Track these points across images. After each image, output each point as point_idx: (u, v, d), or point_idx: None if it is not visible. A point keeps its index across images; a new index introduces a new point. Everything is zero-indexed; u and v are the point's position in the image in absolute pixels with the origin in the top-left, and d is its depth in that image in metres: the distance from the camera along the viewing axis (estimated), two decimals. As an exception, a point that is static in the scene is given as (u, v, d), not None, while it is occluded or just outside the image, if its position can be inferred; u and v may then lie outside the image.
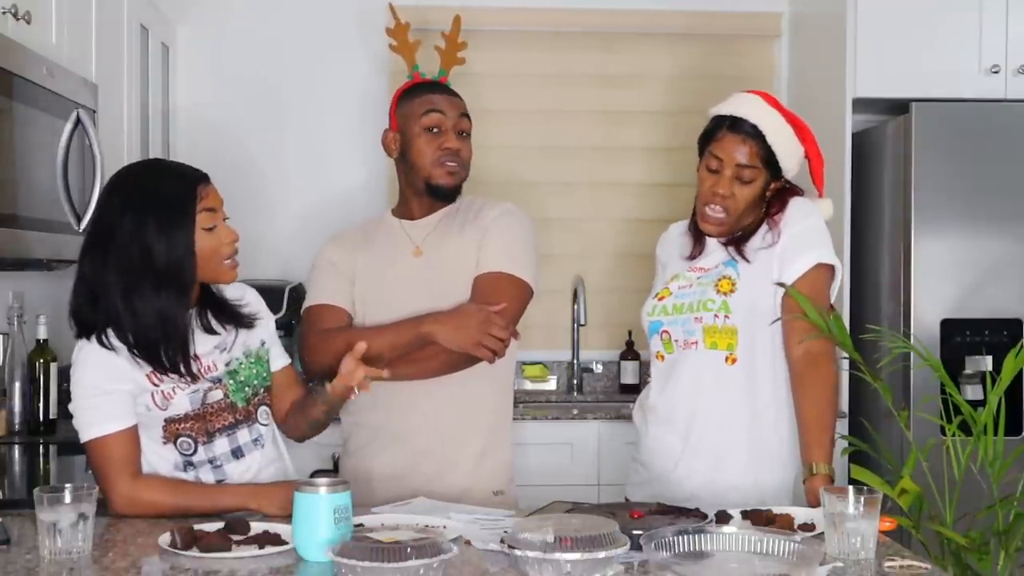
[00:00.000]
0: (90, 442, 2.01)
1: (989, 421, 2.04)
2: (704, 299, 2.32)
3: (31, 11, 2.45)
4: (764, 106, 2.32)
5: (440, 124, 2.42)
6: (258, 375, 2.15)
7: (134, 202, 2.00)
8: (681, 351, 2.34)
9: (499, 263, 2.38)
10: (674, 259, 2.46)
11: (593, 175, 4.13)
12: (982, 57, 3.52)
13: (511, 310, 2.34)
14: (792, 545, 1.65)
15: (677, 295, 2.37)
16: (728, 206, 2.31)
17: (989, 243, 3.42)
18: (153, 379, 2.02)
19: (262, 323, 2.20)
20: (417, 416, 2.39)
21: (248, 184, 3.90)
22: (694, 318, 2.32)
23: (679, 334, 2.34)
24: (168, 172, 2.08)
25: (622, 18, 4.09)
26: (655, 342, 2.40)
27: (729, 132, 2.30)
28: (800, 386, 2.24)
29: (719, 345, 2.30)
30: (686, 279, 2.38)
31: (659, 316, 2.38)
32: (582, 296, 3.93)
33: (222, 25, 4.02)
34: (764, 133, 2.28)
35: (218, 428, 2.08)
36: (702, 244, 2.41)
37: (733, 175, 2.29)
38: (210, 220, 2.03)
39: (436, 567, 1.56)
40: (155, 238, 1.97)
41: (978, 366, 3.33)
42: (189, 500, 2.02)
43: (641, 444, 2.44)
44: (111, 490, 2.00)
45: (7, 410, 3.05)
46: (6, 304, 3.07)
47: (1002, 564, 2.03)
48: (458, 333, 2.27)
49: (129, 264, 1.97)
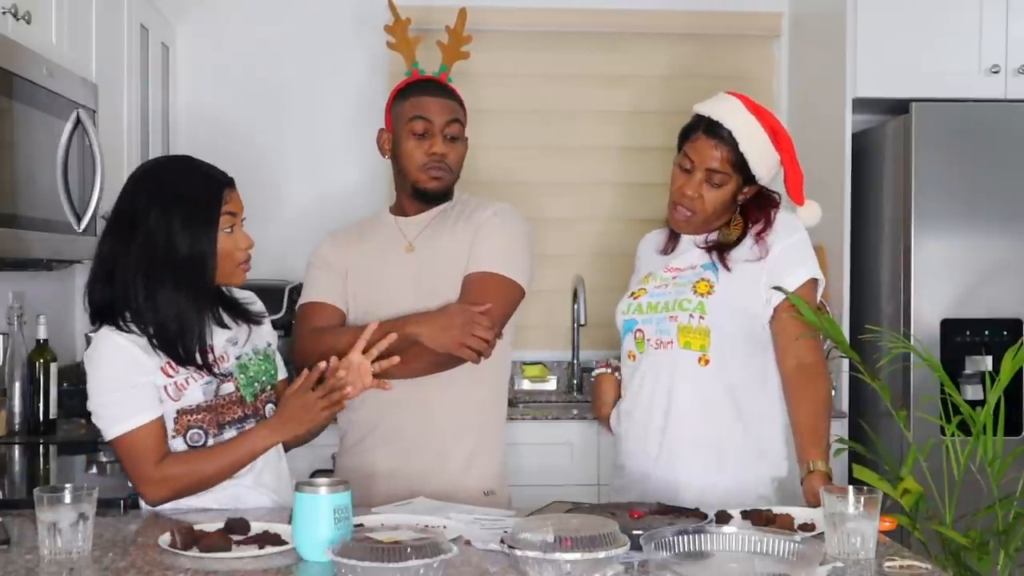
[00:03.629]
0: (119, 437, 2.02)
1: (988, 421, 2.04)
2: (680, 299, 2.33)
3: (31, 11, 2.45)
4: (742, 112, 2.32)
5: (427, 130, 2.42)
6: (267, 372, 2.17)
7: (162, 196, 2.03)
8: (653, 351, 2.35)
9: (489, 263, 2.38)
10: (650, 257, 2.50)
11: (593, 175, 4.13)
12: (982, 57, 3.51)
13: (498, 310, 2.34)
14: (792, 545, 1.65)
15: (652, 294, 2.39)
16: (696, 207, 2.34)
17: (989, 243, 3.42)
18: (168, 370, 2.03)
19: (267, 325, 2.23)
20: (408, 415, 2.40)
21: (248, 184, 3.82)
22: (669, 317, 2.34)
23: (652, 333, 2.35)
24: (198, 171, 2.11)
25: (622, 18, 4.08)
26: (628, 341, 2.42)
27: (704, 135, 2.32)
28: (795, 396, 2.28)
29: (692, 345, 2.31)
30: (661, 279, 2.40)
31: (634, 314, 2.40)
32: (582, 296, 3.93)
33: (222, 25, 4.02)
34: (738, 140, 2.29)
35: (228, 420, 2.09)
36: (676, 240, 2.44)
37: (703, 178, 2.32)
38: (230, 223, 2.07)
39: (436, 567, 1.56)
40: (179, 234, 2.01)
41: (978, 366, 3.33)
42: (209, 463, 2.04)
43: (619, 447, 2.45)
44: (143, 478, 2.02)
45: (7, 410, 3.05)
46: (6, 304, 3.07)
47: (1002, 564, 2.04)
48: (442, 334, 2.27)
49: (151, 257, 2.00)
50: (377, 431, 2.43)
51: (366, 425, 2.45)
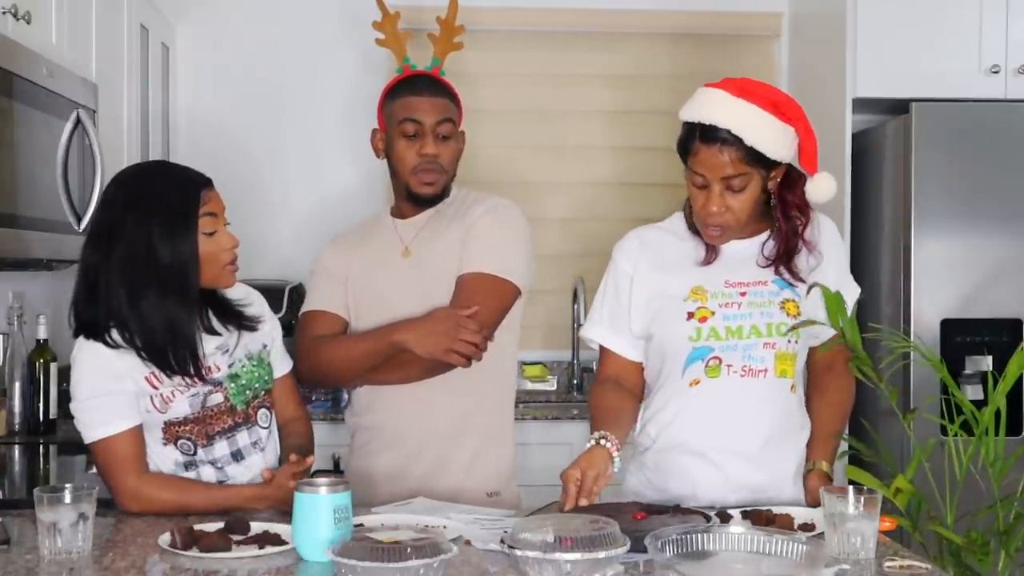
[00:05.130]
0: (95, 443, 2.02)
1: (991, 421, 2.04)
2: (775, 322, 2.11)
3: (31, 11, 2.45)
4: (732, 102, 2.06)
5: (417, 131, 2.39)
6: (259, 378, 2.15)
7: (138, 204, 2.00)
8: (739, 379, 2.11)
9: (480, 263, 2.35)
10: (667, 264, 2.22)
11: (593, 175, 4.13)
12: (982, 57, 3.52)
13: (487, 312, 2.31)
14: (798, 546, 1.65)
15: (726, 316, 2.13)
16: (726, 221, 2.10)
17: (989, 243, 3.42)
18: (152, 382, 2.02)
19: (264, 327, 2.19)
20: (411, 417, 2.39)
21: (248, 184, 3.90)
22: (764, 343, 2.11)
23: (738, 359, 2.11)
24: (172, 176, 2.08)
25: (622, 18, 4.09)
26: (693, 370, 2.13)
27: (703, 144, 2.06)
28: (818, 388, 2.21)
29: (787, 373, 2.13)
30: (726, 296, 2.14)
31: (708, 341, 2.12)
32: (582, 296, 3.93)
33: (222, 25, 4.02)
34: (740, 136, 2.03)
35: (217, 431, 2.08)
36: (715, 249, 2.19)
37: (722, 188, 2.07)
38: (211, 225, 2.03)
39: (436, 567, 1.56)
40: (159, 241, 1.98)
41: (978, 366, 3.33)
42: (194, 498, 2.02)
43: (662, 470, 2.20)
44: (118, 489, 2.01)
45: (7, 410, 3.05)
46: (6, 304, 3.07)
47: (1002, 564, 2.03)
48: (428, 340, 2.25)
49: (133, 266, 1.98)
50: (382, 434, 2.43)
51: (372, 428, 2.44)
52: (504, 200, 2.48)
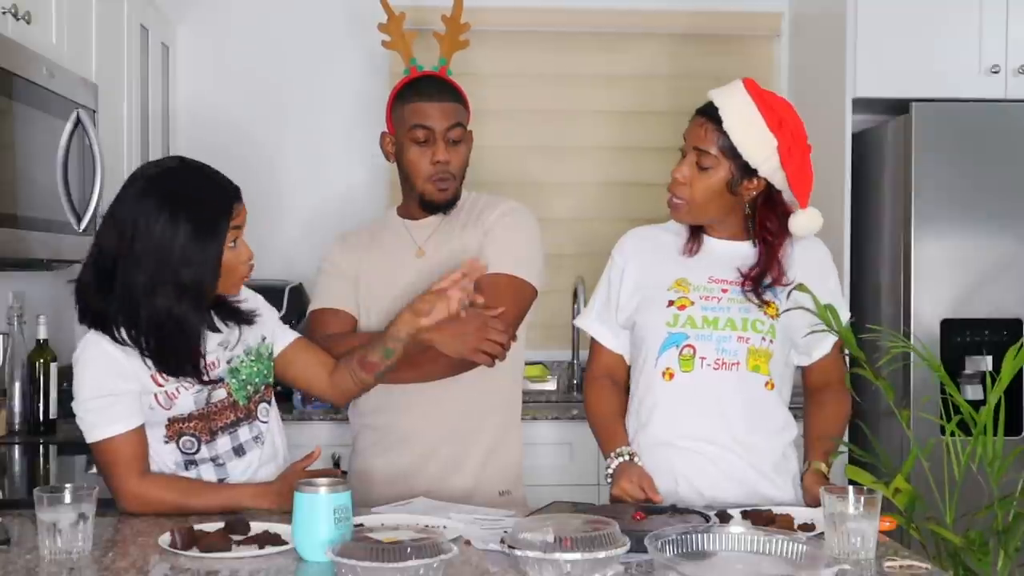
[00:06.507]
0: (97, 443, 2.02)
1: (989, 421, 2.04)
2: (751, 318, 2.18)
3: (31, 11, 2.45)
4: (739, 94, 2.20)
5: (428, 138, 2.38)
6: (259, 372, 2.16)
7: (172, 203, 1.98)
8: (712, 372, 2.17)
9: (501, 264, 2.37)
10: (655, 257, 2.31)
11: (594, 175, 4.13)
12: (982, 57, 3.52)
13: (512, 312, 2.33)
14: (798, 546, 1.65)
15: (704, 307, 2.20)
16: (683, 193, 2.21)
17: (989, 243, 3.42)
18: (158, 379, 2.02)
19: (261, 319, 2.19)
20: (423, 417, 2.39)
21: (248, 184, 3.81)
22: (738, 337, 2.17)
23: (711, 352, 2.17)
24: (208, 181, 2.06)
25: (623, 18, 4.09)
26: (668, 357, 2.20)
27: (698, 115, 2.23)
28: (815, 402, 2.28)
29: (761, 369, 2.18)
30: (706, 290, 2.22)
31: (684, 327, 2.19)
32: (582, 296, 3.93)
33: (222, 25, 4.02)
34: (723, 117, 2.16)
35: (221, 426, 2.08)
36: (698, 241, 2.28)
37: (693, 159, 2.20)
38: (235, 237, 2.04)
39: (436, 567, 1.56)
40: (188, 243, 1.97)
41: (978, 366, 3.33)
42: (195, 499, 2.02)
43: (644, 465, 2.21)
44: (119, 489, 2.01)
45: (7, 410, 3.06)
46: (6, 304, 3.07)
47: (1001, 564, 2.03)
48: (455, 339, 2.24)
49: (156, 264, 1.96)
50: (391, 435, 2.42)
51: (380, 429, 2.44)
52: (516, 203, 2.50)
